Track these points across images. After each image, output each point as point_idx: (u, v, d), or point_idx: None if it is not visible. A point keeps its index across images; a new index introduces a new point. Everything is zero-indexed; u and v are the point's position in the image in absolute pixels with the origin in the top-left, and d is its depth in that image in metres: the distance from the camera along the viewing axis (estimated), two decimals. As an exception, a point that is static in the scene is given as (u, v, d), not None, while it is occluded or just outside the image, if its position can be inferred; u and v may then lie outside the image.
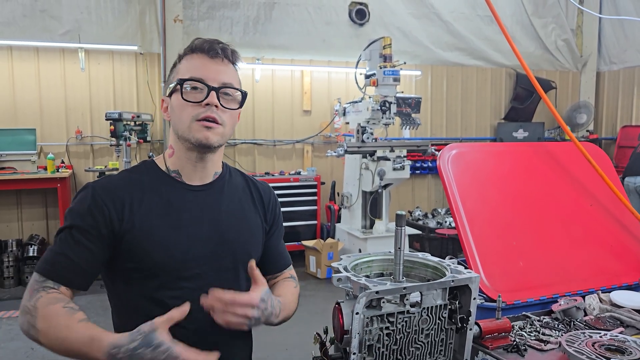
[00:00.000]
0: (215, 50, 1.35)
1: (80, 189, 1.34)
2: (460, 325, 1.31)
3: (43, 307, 1.20)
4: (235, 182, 1.52)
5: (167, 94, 1.39)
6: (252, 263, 1.32)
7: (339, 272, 1.29)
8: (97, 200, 1.30)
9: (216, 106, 1.32)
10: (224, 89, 1.34)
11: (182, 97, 1.32)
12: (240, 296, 1.24)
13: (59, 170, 5.71)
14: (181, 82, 1.33)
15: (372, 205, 5.84)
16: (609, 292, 1.87)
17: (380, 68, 5.51)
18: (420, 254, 1.45)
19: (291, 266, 1.63)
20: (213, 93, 1.32)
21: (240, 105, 1.40)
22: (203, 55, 1.35)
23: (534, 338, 1.59)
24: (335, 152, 5.61)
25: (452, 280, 1.27)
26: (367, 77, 5.78)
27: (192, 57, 1.37)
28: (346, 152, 5.49)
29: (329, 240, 6.00)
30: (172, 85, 1.36)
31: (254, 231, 1.49)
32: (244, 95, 1.40)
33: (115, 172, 4.90)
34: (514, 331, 1.62)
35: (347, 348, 1.21)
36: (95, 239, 1.28)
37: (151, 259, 1.30)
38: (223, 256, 1.39)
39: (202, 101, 1.31)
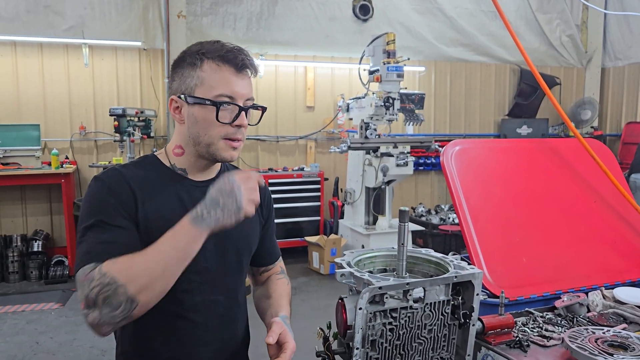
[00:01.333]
0: (245, 65, 1.32)
1: (91, 183, 1.32)
2: (463, 321, 1.31)
3: (112, 266, 1.14)
4: None
5: (186, 99, 1.32)
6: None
7: (342, 267, 1.30)
8: (112, 188, 1.28)
9: (245, 126, 1.33)
10: (254, 107, 1.36)
11: (217, 119, 1.29)
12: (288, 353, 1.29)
13: (63, 165, 5.73)
14: (217, 104, 1.29)
15: (375, 201, 5.84)
16: (612, 288, 1.87)
17: (384, 64, 5.50)
18: (423, 250, 1.45)
19: (280, 258, 1.69)
20: (243, 114, 1.31)
21: (259, 120, 1.43)
22: (231, 68, 1.31)
23: (536, 334, 1.59)
24: (338, 148, 5.61)
25: (455, 276, 1.27)
26: (371, 73, 5.77)
27: (220, 68, 1.30)
28: (349, 148, 5.49)
29: (332, 236, 6.01)
30: (201, 99, 1.30)
31: (253, 226, 1.52)
32: (264, 111, 1.41)
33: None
34: (517, 327, 1.62)
35: (350, 343, 1.22)
36: (125, 219, 1.26)
37: None
38: (227, 250, 1.42)
39: (232, 122, 1.31)
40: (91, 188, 1.30)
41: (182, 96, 1.32)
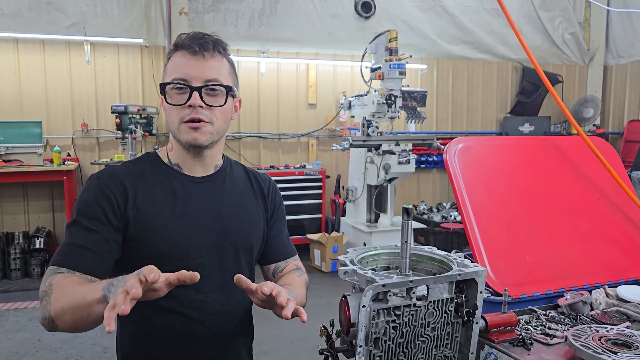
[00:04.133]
0: (192, 48, 1.32)
1: (86, 181, 1.36)
2: (466, 318, 1.31)
3: (58, 282, 1.19)
4: (237, 174, 1.54)
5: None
6: (239, 277, 1.18)
7: (345, 265, 1.29)
8: (103, 188, 1.32)
9: (200, 106, 1.32)
10: (208, 86, 1.33)
11: (167, 101, 1.33)
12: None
13: (65, 163, 5.73)
14: (163, 86, 1.33)
15: (377, 199, 5.84)
16: (616, 286, 1.87)
17: (386, 61, 5.49)
18: (426, 248, 1.45)
19: (297, 256, 1.64)
20: (195, 94, 1.31)
21: (225, 99, 1.36)
22: (186, 52, 1.33)
23: (540, 332, 1.59)
24: (340, 146, 5.61)
25: (459, 274, 1.27)
26: (373, 70, 5.76)
27: (176, 55, 1.35)
28: (351, 145, 5.49)
29: (334, 233, 6.01)
30: (160, 88, 1.36)
31: (256, 222, 1.51)
32: (227, 89, 1.36)
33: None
34: (520, 325, 1.62)
35: (354, 341, 1.21)
36: (105, 226, 1.29)
37: (156, 248, 1.32)
38: (225, 246, 1.42)
39: (185, 103, 1.31)
40: (84, 187, 1.35)
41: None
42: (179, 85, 1.32)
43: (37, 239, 5.74)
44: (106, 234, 1.29)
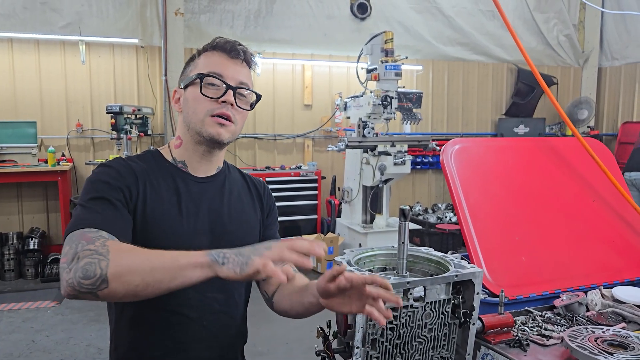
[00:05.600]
0: (236, 51, 1.38)
1: (95, 169, 1.33)
2: (463, 319, 1.31)
3: (115, 244, 1.12)
4: (234, 177, 1.56)
5: (182, 86, 1.41)
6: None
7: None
8: (120, 172, 1.31)
9: (232, 104, 1.35)
10: (241, 89, 1.37)
11: (201, 92, 1.34)
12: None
13: (60, 163, 5.70)
14: (202, 76, 1.34)
15: (373, 200, 5.84)
16: (611, 287, 1.88)
17: (382, 63, 5.50)
18: (423, 249, 1.45)
19: None
20: (230, 92, 1.35)
21: (252, 107, 1.43)
22: (224, 54, 1.38)
23: (536, 333, 1.59)
24: (336, 147, 5.61)
25: (456, 275, 1.27)
26: (369, 71, 5.76)
27: (212, 54, 1.39)
28: (347, 146, 5.49)
29: (330, 234, 6.01)
30: (191, 78, 1.37)
31: (253, 224, 1.52)
32: (258, 97, 1.44)
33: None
34: (517, 326, 1.62)
35: (351, 342, 1.21)
36: (123, 206, 1.27)
37: (159, 245, 1.29)
38: (224, 247, 1.40)
39: (219, 98, 1.34)
40: (98, 170, 1.32)
41: (181, 85, 1.41)
42: (215, 80, 1.34)
43: (31, 239, 5.70)
44: (128, 217, 1.27)
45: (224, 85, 1.34)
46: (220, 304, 1.41)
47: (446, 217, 6.75)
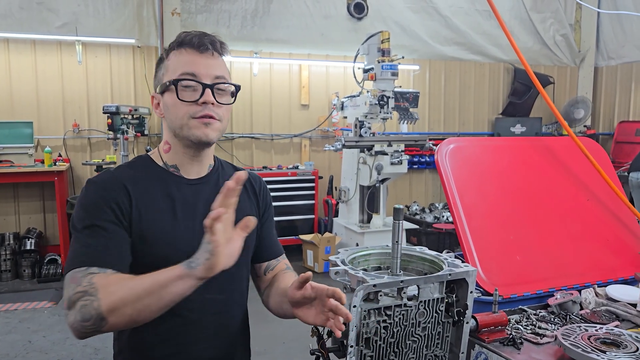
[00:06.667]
0: (204, 45, 1.33)
1: (84, 186, 1.32)
2: (457, 318, 1.32)
3: (102, 280, 1.15)
4: (228, 173, 1.52)
5: (158, 91, 1.37)
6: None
7: (336, 265, 1.30)
8: (108, 191, 1.29)
9: (212, 103, 1.32)
10: (218, 84, 1.33)
11: (178, 97, 1.31)
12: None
13: (56, 163, 5.69)
14: (175, 82, 1.31)
15: (370, 199, 5.85)
16: (605, 286, 1.88)
17: (379, 62, 5.50)
18: (417, 248, 1.46)
19: (284, 255, 1.63)
20: (208, 91, 1.31)
21: (233, 97, 1.39)
22: (193, 50, 1.33)
23: (530, 331, 1.60)
24: (333, 147, 5.61)
25: (449, 274, 1.27)
26: (365, 71, 5.77)
27: (180, 52, 1.34)
28: (344, 146, 5.49)
29: (327, 234, 6.01)
30: (165, 85, 1.33)
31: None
32: (238, 88, 1.39)
33: (112, 166, 4.85)
34: (511, 325, 1.63)
35: (345, 341, 1.22)
36: (118, 227, 1.27)
37: (158, 252, 1.30)
38: None
39: (198, 100, 1.30)
40: (85, 191, 1.31)
41: (157, 90, 1.37)
42: (190, 82, 1.31)
43: (28, 240, 5.70)
44: (122, 234, 1.27)
45: (200, 85, 1.30)
46: (220, 305, 1.41)
47: (443, 216, 6.76)
